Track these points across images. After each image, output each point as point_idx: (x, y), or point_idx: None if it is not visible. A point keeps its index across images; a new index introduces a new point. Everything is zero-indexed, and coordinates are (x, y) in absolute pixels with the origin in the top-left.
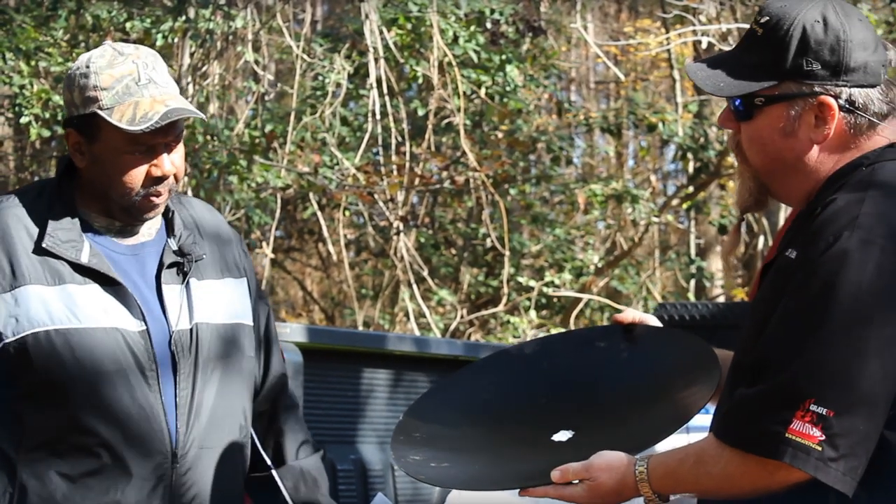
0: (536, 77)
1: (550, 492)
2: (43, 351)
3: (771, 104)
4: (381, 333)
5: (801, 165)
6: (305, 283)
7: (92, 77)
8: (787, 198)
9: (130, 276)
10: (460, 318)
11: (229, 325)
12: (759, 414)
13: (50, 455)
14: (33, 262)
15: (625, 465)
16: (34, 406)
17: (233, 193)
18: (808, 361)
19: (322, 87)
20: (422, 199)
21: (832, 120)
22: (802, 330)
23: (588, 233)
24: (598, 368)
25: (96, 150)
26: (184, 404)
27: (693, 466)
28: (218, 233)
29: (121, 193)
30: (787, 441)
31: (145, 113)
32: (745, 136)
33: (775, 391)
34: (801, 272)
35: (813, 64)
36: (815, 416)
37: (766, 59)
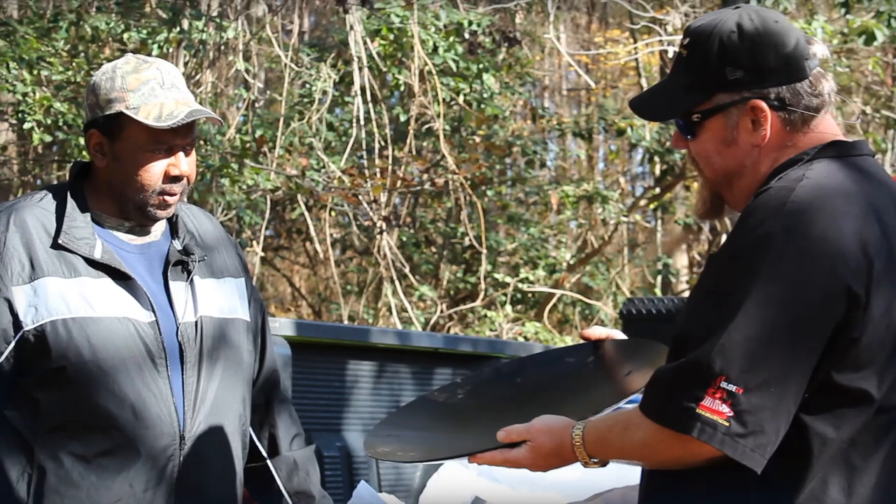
0: (512, 85)
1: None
2: (60, 338)
3: (708, 118)
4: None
5: (744, 170)
6: (294, 279)
7: (118, 80)
8: (735, 203)
9: (140, 271)
10: (440, 313)
11: (229, 320)
12: (674, 389)
13: (66, 437)
14: (51, 257)
15: (564, 428)
16: (51, 391)
17: (225, 195)
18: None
19: (309, 95)
20: (403, 200)
21: (766, 121)
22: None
23: (561, 232)
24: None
25: (118, 149)
26: (190, 390)
27: (620, 433)
28: (217, 237)
29: (138, 190)
30: (696, 416)
31: (171, 112)
32: (694, 151)
33: (690, 368)
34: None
35: (736, 72)
36: (725, 392)
37: (694, 77)
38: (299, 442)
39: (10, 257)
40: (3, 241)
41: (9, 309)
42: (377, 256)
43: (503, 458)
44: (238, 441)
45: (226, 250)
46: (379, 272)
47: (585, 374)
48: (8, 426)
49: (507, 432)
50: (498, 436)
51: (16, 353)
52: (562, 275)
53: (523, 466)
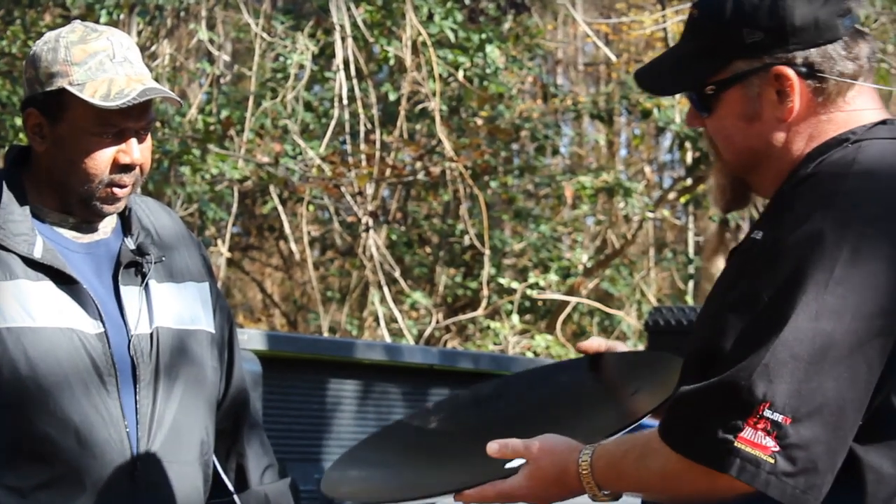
0: (519, 58)
1: (488, 491)
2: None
3: (725, 90)
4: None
5: (772, 150)
6: (265, 284)
7: (62, 51)
8: (763, 189)
9: (86, 274)
10: (436, 324)
11: (191, 332)
12: (706, 416)
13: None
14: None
15: (569, 451)
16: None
17: (185, 186)
18: (766, 359)
19: (283, 69)
20: (393, 193)
21: (793, 91)
22: (763, 322)
23: (576, 229)
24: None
25: (60, 132)
26: (145, 413)
27: (636, 459)
28: (177, 235)
29: (82, 181)
30: (735, 451)
31: (121, 90)
32: (711, 130)
33: (726, 391)
34: (767, 254)
35: (754, 34)
36: (770, 422)
37: (706, 42)
38: (272, 474)
39: None
40: None
41: None
42: (362, 258)
43: (496, 491)
44: (199, 472)
45: (187, 250)
46: (364, 276)
47: (583, 395)
48: None
49: (501, 446)
50: (489, 450)
51: None
52: (577, 280)
53: (519, 499)
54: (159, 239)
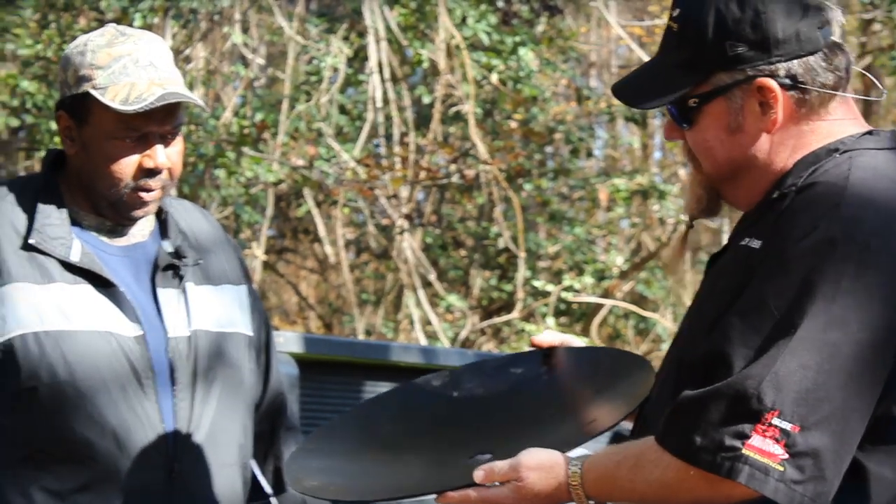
0: (553, 61)
1: (472, 496)
2: (31, 355)
3: (707, 102)
4: (384, 343)
5: (755, 161)
6: (300, 287)
7: (88, 55)
8: (741, 200)
9: (124, 277)
10: (471, 327)
11: (228, 334)
12: (711, 423)
13: (37, 469)
14: (20, 260)
15: (557, 465)
16: (20, 416)
17: (220, 189)
18: (775, 367)
19: (317, 72)
20: (428, 195)
21: (776, 102)
22: (771, 329)
23: (611, 232)
24: (513, 392)
25: (86, 135)
26: (183, 416)
27: (630, 470)
28: (214, 238)
29: (108, 185)
30: (742, 458)
31: (140, 94)
32: (692, 142)
33: (733, 398)
34: (772, 262)
35: (737, 46)
36: (778, 430)
37: (687, 55)
38: None
39: None
40: None
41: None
42: (397, 260)
43: (480, 497)
44: (238, 475)
45: (224, 253)
46: (399, 279)
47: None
48: None
49: (486, 472)
50: (475, 476)
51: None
52: (612, 282)
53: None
54: (196, 242)
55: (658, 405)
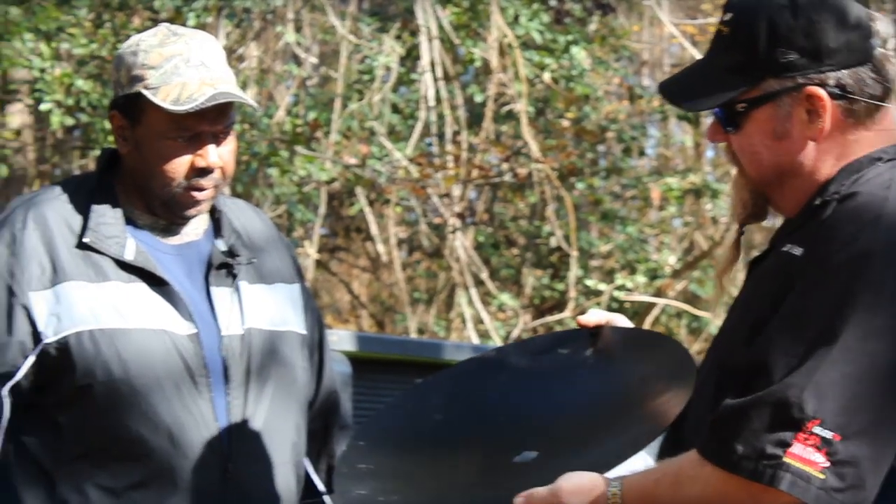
0: (605, 60)
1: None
2: (86, 353)
3: (755, 108)
4: (436, 341)
5: (800, 168)
6: (353, 285)
7: (141, 55)
8: (785, 206)
9: (178, 276)
10: (523, 325)
11: (281, 333)
12: (753, 431)
13: (92, 467)
14: (75, 258)
15: (596, 487)
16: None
17: (273, 188)
18: (818, 376)
19: (370, 71)
20: (480, 194)
21: (825, 111)
22: (812, 338)
23: (663, 231)
24: (560, 379)
25: (139, 135)
26: (236, 414)
27: (670, 487)
28: (267, 237)
29: (161, 184)
30: (784, 466)
31: (191, 94)
32: (737, 146)
33: (775, 407)
34: (814, 271)
35: (789, 54)
36: (819, 439)
37: (738, 59)
38: None
39: (28, 259)
40: (21, 241)
41: (27, 318)
42: (449, 259)
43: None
44: (291, 473)
45: (277, 252)
46: (451, 277)
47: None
48: (27, 454)
49: (527, 499)
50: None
51: (36, 370)
52: (665, 281)
53: None
54: (250, 241)
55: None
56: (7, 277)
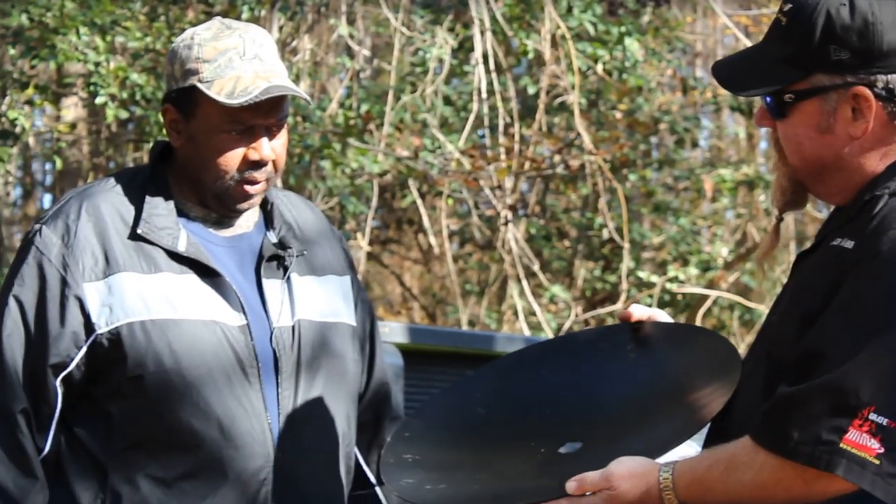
0: (659, 51)
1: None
2: (138, 343)
3: (802, 100)
4: (488, 333)
5: (843, 164)
6: (404, 277)
7: (195, 49)
8: (828, 196)
9: (229, 267)
10: (575, 317)
11: (332, 325)
12: (809, 418)
13: (143, 457)
14: (128, 249)
15: (648, 472)
16: (126, 404)
17: (325, 180)
18: (872, 364)
19: (423, 63)
20: (532, 186)
21: (870, 112)
22: (868, 327)
23: (716, 223)
24: (603, 373)
25: (193, 128)
26: (286, 405)
27: (723, 473)
28: (318, 229)
29: (214, 177)
30: (841, 452)
31: (245, 87)
32: (782, 134)
33: (830, 393)
34: (867, 263)
35: (841, 52)
36: (875, 425)
37: (791, 51)
38: None
39: (81, 250)
40: (74, 232)
41: (80, 308)
42: (501, 251)
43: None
44: (342, 464)
45: (328, 244)
46: (503, 269)
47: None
48: (79, 445)
49: (579, 483)
50: (568, 488)
51: (88, 360)
52: (717, 273)
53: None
54: (301, 233)
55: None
56: (61, 269)
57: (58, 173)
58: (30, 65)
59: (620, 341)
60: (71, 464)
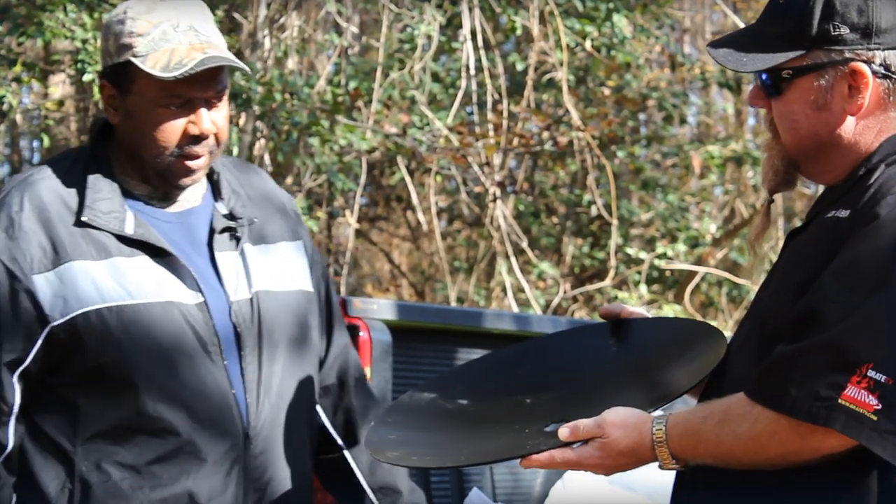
0: (647, 27)
1: (556, 456)
2: (95, 331)
3: (799, 76)
4: (476, 310)
5: (838, 140)
6: (393, 255)
7: (128, 23)
8: (820, 175)
9: (180, 245)
10: (563, 294)
11: (290, 293)
12: (807, 375)
13: (111, 444)
14: (75, 237)
15: (641, 423)
16: (89, 392)
17: (314, 157)
18: (870, 322)
19: (411, 40)
20: (520, 163)
21: (866, 88)
22: (864, 286)
23: (704, 199)
24: (583, 363)
25: (130, 104)
26: (252, 380)
27: (717, 425)
28: (268, 195)
29: (154, 153)
30: (839, 407)
31: (180, 60)
32: (776, 112)
33: (828, 351)
34: (864, 227)
35: (840, 28)
36: (872, 382)
37: (789, 28)
38: None
39: (27, 242)
40: (19, 224)
41: (32, 302)
42: (490, 228)
43: (563, 458)
44: (309, 434)
45: (278, 209)
46: (492, 246)
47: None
48: (43, 436)
49: (572, 429)
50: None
51: (45, 353)
52: (706, 250)
53: (587, 468)
54: (250, 200)
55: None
56: (8, 262)
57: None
58: (17, 42)
59: (600, 337)
60: (36, 455)
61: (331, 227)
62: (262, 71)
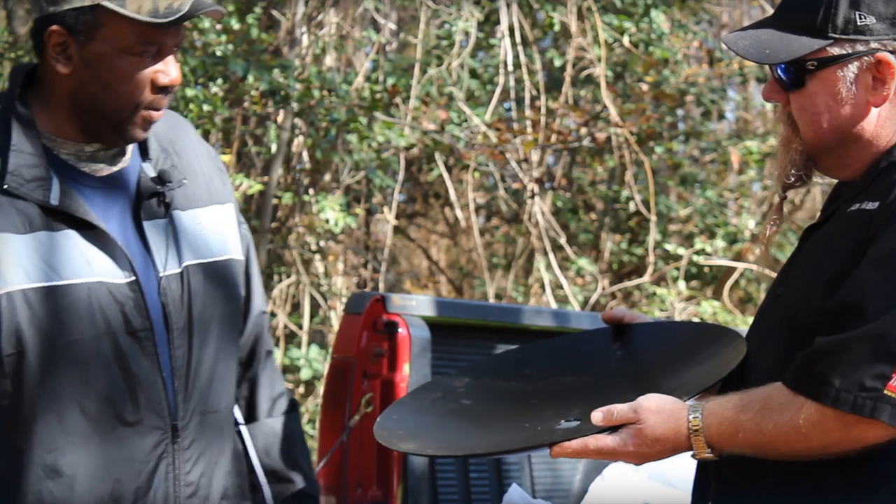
0: (685, 23)
1: (589, 444)
2: (19, 314)
3: (823, 68)
4: (515, 306)
5: (860, 132)
6: (431, 251)
7: None
8: (838, 170)
9: (108, 214)
10: (601, 290)
11: (222, 263)
12: (851, 366)
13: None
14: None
15: (678, 411)
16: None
17: (352, 154)
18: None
19: (449, 37)
20: (558, 159)
21: (892, 78)
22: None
23: (743, 195)
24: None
25: (92, 52)
26: (180, 366)
27: (757, 413)
28: (195, 151)
29: (117, 106)
30: (885, 398)
31: (169, 3)
32: (797, 105)
33: (872, 341)
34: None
35: (867, 17)
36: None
37: (813, 17)
38: (282, 404)
39: None
40: None
41: None
42: (528, 224)
43: (596, 446)
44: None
45: (208, 167)
46: (530, 243)
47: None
48: None
49: (606, 414)
50: (594, 418)
51: None
52: (744, 245)
53: (621, 456)
54: (179, 159)
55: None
56: None
57: None
58: None
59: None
60: None
61: (369, 223)
62: (300, 68)
